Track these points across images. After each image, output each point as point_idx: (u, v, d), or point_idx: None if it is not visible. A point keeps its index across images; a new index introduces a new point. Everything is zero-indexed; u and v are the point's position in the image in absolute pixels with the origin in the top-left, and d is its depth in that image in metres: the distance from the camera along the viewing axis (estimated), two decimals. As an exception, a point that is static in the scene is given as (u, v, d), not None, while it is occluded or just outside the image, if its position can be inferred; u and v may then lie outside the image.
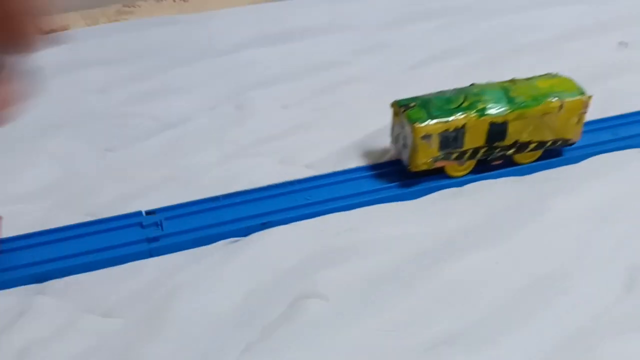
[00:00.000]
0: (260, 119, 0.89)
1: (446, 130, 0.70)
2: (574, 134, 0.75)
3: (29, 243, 0.69)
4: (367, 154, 0.81)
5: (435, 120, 0.69)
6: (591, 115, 0.77)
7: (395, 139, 0.75)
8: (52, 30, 1.15)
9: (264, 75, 0.98)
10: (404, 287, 0.61)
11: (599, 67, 0.96)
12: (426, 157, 0.71)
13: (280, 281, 0.63)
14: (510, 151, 0.74)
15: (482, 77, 0.95)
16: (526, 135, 0.73)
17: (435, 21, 1.11)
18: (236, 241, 0.70)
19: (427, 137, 0.69)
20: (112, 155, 0.82)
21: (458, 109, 0.70)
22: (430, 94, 0.73)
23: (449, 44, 1.04)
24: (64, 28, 1.16)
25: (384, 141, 0.80)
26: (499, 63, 0.99)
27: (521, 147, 0.74)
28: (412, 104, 0.71)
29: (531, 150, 0.75)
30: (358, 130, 0.85)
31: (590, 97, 0.73)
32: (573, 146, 0.77)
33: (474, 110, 0.70)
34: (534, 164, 0.77)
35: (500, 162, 0.75)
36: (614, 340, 0.57)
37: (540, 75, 0.76)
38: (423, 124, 0.69)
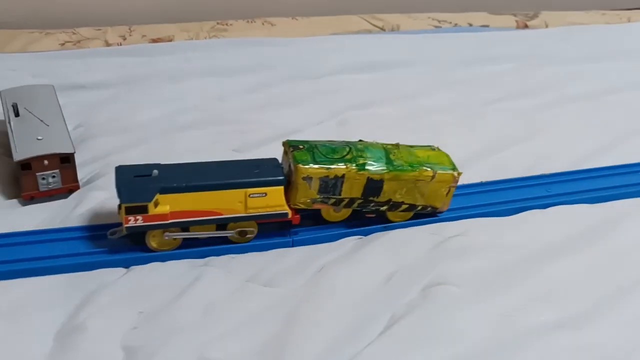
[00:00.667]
0: (361, 135, 1.02)
1: (326, 176, 0.75)
2: (443, 204, 0.82)
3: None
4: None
5: (317, 165, 0.75)
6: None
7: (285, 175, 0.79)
8: (159, 39, 1.29)
9: (358, 98, 1.12)
10: (515, 281, 0.75)
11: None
12: (305, 196, 0.76)
13: (410, 270, 0.76)
14: (384, 207, 0.80)
15: (540, 119, 1.11)
16: (399, 196, 0.79)
17: (503, 64, 1.26)
18: (360, 239, 0.82)
19: (308, 178, 0.75)
20: (239, 156, 0.94)
21: (341, 159, 0.76)
22: (319, 141, 0.79)
23: (516, 85, 1.20)
24: (169, 39, 1.29)
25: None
26: (556, 108, 1.15)
27: (394, 206, 0.80)
28: (301, 147, 0.77)
29: (403, 210, 0.81)
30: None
31: (460, 173, 0.80)
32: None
33: (355, 164, 0.76)
34: (608, 193, 0.90)
35: (373, 216, 0.82)
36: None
37: (421, 146, 0.83)
38: (306, 166, 0.75)
